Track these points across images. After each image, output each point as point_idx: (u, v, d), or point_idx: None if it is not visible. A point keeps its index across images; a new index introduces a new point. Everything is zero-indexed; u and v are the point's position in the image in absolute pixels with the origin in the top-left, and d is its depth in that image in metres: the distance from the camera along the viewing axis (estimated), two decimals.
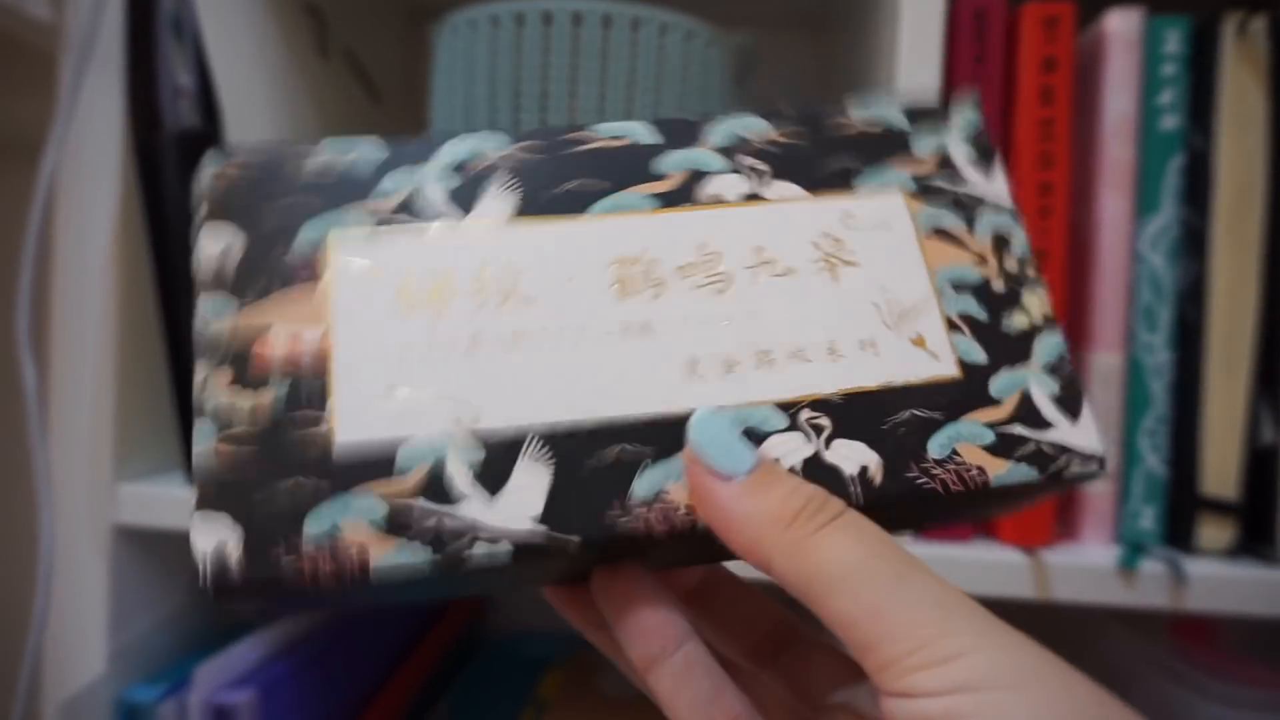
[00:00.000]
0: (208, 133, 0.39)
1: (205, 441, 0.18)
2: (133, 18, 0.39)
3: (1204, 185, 0.38)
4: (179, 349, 0.40)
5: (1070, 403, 0.21)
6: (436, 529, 0.18)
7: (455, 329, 0.20)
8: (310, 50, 0.50)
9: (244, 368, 0.19)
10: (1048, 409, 0.21)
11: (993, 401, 0.21)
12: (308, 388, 0.19)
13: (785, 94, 0.70)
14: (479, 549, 0.18)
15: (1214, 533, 0.38)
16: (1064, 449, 0.21)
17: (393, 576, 0.18)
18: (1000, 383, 0.21)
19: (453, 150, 0.21)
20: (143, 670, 0.42)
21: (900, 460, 0.20)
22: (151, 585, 0.43)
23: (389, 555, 0.18)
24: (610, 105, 0.40)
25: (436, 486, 0.18)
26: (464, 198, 0.21)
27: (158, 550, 0.43)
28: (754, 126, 0.23)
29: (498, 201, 0.21)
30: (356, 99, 0.56)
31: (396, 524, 0.18)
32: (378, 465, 0.18)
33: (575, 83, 0.40)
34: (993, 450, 0.20)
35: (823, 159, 0.22)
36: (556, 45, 0.40)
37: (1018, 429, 0.21)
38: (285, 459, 0.18)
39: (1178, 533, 0.38)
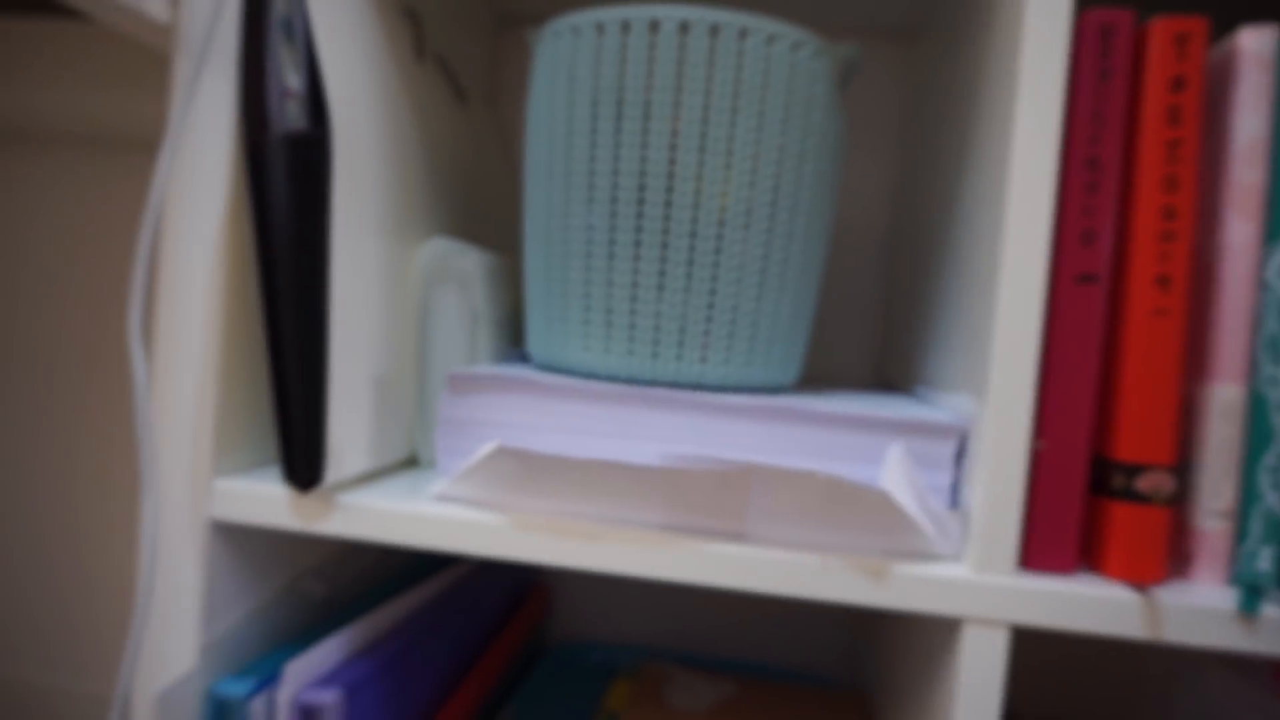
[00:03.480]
0: (315, 135, 0.40)
1: None
2: (246, 19, 0.40)
3: None
4: (280, 347, 0.40)
5: None
6: None
7: None
8: (407, 53, 0.50)
9: None
10: None
11: None
12: None
13: (877, 102, 0.69)
14: None
15: None
16: None
17: None
18: None
19: None
20: (231, 664, 0.42)
21: None
22: (241, 580, 0.43)
23: None
24: (715, 115, 0.40)
25: None
26: None
27: (247, 545, 0.44)
28: None
29: None
30: (446, 101, 0.56)
31: None
32: None
33: (680, 91, 0.40)
34: None
35: None
36: (662, 54, 0.40)
37: None
38: None
39: None
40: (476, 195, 0.61)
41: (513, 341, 0.53)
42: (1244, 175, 0.37)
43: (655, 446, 0.40)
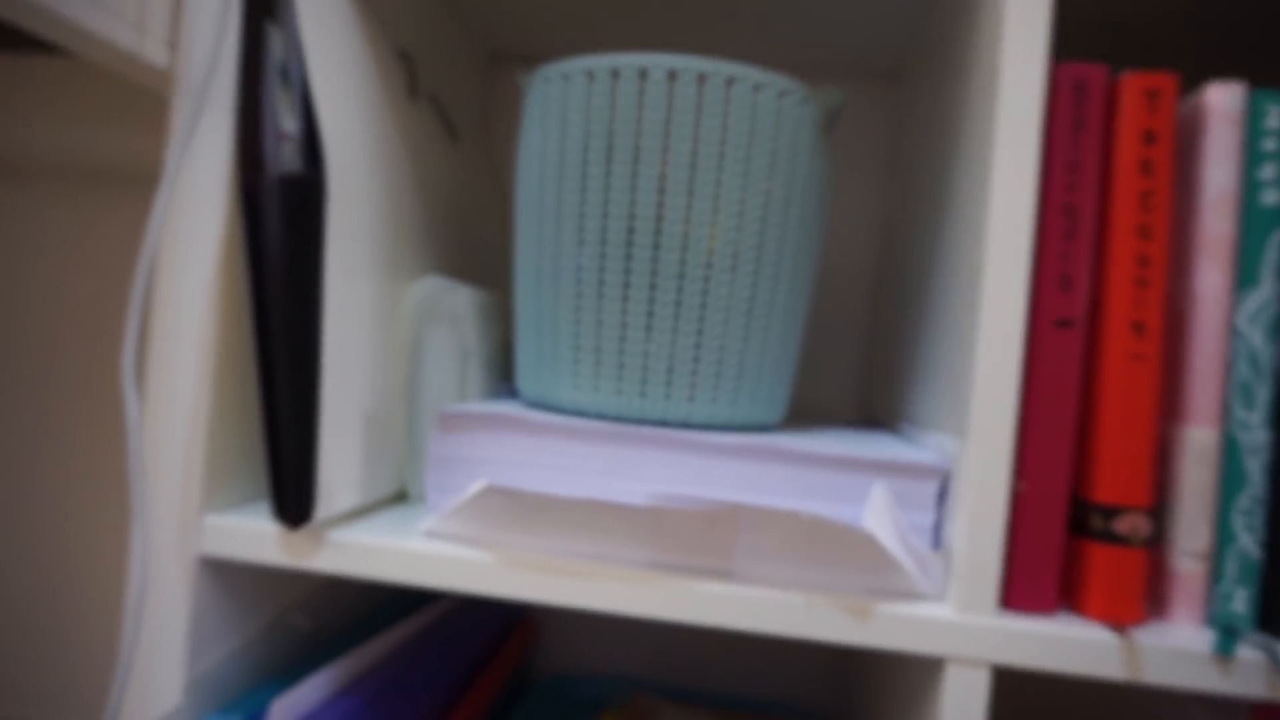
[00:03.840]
0: (310, 177, 0.40)
1: None
2: (244, 65, 0.40)
3: None
4: (272, 385, 0.41)
5: None
6: None
7: None
8: (401, 93, 0.51)
9: None
10: None
11: None
12: None
13: (862, 140, 0.70)
14: None
15: None
16: None
17: None
18: None
19: None
20: (217, 700, 0.42)
21: None
22: (226, 615, 0.43)
23: None
24: (702, 160, 0.41)
25: None
26: None
27: (235, 580, 0.44)
28: None
29: None
30: (439, 139, 0.57)
31: None
32: None
33: (668, 137, 0.41)
34: None
35: None
36: (651, 100, 0.41)
37: None
38: None
39: (1271, 617, 0.37)
40: (468, 231, 0.62)
41: (503, 377, 0.54)
42: (1215, 225, 0.38)
43: (643, 485, 0.40)
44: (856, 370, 0.70)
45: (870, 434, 0.50)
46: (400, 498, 0.49)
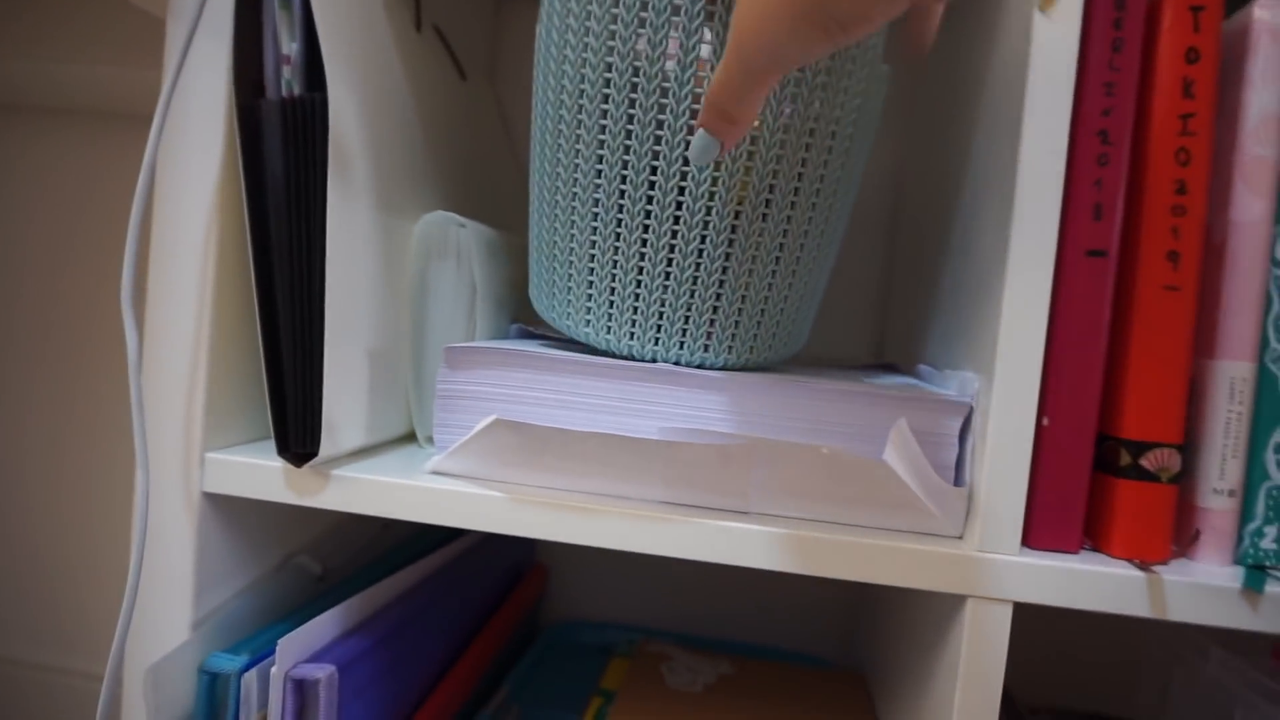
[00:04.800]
0: (311, 100, 0.39)
1: None
2: None
3: None
4: (273, 318, 0.40)
5: None
6: None
7: None
8: (406, 24, 0.49)
9: None
10: None
11: None
12: None
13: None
14: None
15: None
16: None
17: None
18: None
19: None
20: (224, 639, 0.42)
21: None
22: (233, 554, 0.43)
23: None
24: None
25: None
26: None
27: (240, 519, 0.43)
28: None
29: None
30: (444, 75, 0.55)
31: None
32: None
33: (698, 66, 0.39)
34: None
35: None
36: (681, 22, 0.38)
37: None
38: None
39: None
40: (475, 171, 0.60)
41: (513, 315, 0.53)
42: (1256, 150, 0.36)
43: (656, 421, 0.39)
44: (869, 317, 0.68)
45: (887, 374, 0.49)
46: (409, 439, 0.48)
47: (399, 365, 0.46)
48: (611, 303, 0.41)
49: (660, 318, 0.41)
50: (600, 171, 0.40)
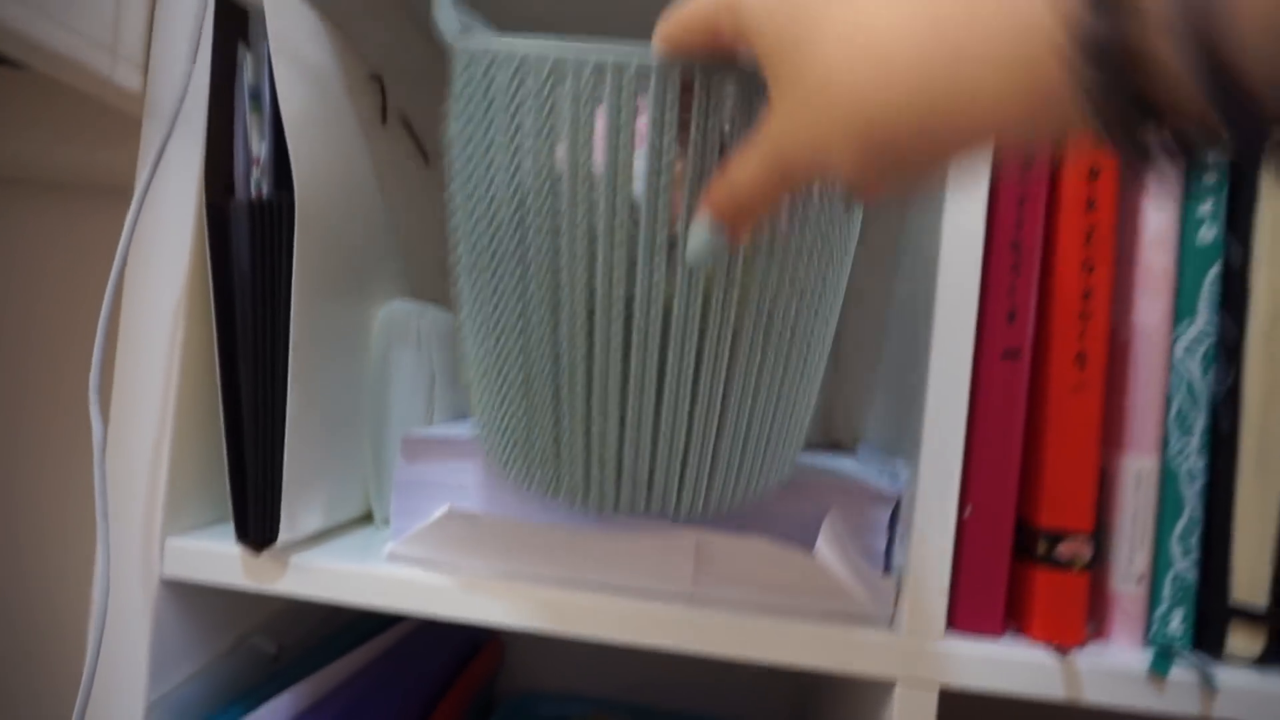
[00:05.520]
0: (278, 201, 0.41)
1: None
2: (215, 89, 0.41)
3: (1240, 295, 0.39)
4: (236, 408, 0.41)
5: None
6: None
7: None
8: (372, 117, 0.51)
9: None
10: None
11: None
12: None
13: None
14: None
15: (1244, 641, 0.38)
16: None
17: None
18: None
19: None
20: None
21: None
22: (189, 636, 0.44)
23: None
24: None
25: None
26: None
27: (197, 602, 0.44)
28: None
29: None
30: (410, 163, 0.58)
31: None
32: None
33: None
34: None
35: None
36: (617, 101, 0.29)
37: None
38: None
39: (1207, 638, 0.39)
40: (438, 253, 0.63)
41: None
42: (1154, 259, 0.39)
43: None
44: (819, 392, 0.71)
45: (829, 458, 0.51)
46: (367, 519, 0.50)
47: (359, 448, 0.47)
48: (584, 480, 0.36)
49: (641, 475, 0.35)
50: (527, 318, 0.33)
